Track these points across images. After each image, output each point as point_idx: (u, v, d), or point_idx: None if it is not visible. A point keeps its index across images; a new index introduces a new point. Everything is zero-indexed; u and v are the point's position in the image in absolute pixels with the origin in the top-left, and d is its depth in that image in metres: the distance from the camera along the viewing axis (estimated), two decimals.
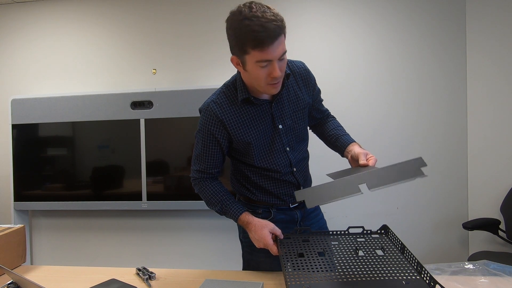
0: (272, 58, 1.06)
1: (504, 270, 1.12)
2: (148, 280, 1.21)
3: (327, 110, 1.49)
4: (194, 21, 2.70)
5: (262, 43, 1.02)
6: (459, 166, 2.52)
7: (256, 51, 1.04)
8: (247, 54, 1.07)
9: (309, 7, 2.60)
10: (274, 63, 1.08)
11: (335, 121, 1.46)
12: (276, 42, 1.04)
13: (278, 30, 1.03)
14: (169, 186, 2.64)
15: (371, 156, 1.20)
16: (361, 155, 1.19)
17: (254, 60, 1.07)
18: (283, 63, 1.12)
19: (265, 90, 1.18)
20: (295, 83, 1.30)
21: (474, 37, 2.46)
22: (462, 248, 2.53)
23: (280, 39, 1.05)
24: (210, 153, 1.29)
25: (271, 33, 1.02)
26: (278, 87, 1.17)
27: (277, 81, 1.13)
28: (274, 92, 1.19)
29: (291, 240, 1.20)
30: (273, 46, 1.04)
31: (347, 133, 1.39)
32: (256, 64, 1.08)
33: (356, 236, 1.20)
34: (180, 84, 2.70)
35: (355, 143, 1.32)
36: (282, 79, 1.17)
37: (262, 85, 1.14)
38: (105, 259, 2.83)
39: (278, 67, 1.09)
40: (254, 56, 1.06)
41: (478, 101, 2.47)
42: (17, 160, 2.73)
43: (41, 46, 2.87)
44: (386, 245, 1.13)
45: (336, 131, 1.39)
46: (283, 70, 1.13)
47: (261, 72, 1.10)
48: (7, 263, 1.32)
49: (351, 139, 1.35)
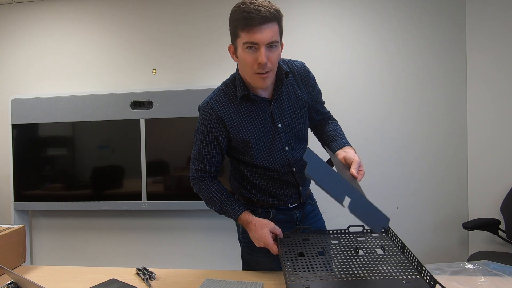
0: (258, 42, 1.07)
1: (504, 270, 1.12)
2: (148, 280, 1.21)
3: (329, 113, 1.46)
4: (194, 21, 2.70)
5: (250, 23, 1.05)
6: (459, 166, 2.52)
7: (245, 32, 1.07)
8: (238, 37, 1.10)
9: (309, 7, 2.60)
10: (261, 48, 1.08)
11: (335, 124, 1.43)
12: (265, 26, 1.06)
13: (269, 15, 1.06)
14: (169, 186, 2.64)
15: (362, 170, 1.13)
16: (356, 164, 1.12)
17: (242, 42, 1.09)
18: (273, 54, 1.11)
19: (253, 80, 1.17)
20: (295, 82, 1.30)
21: (474, 37, 2.46)
22: (462, 248, 2.53)
23: (270, 25, 1.07)
24: (209, 152, 1.28)
25: (261, 15, 1.04)
26: (267, 80, 1.16)
27: (263, 70, 1.11)
28: (262, 84, 1.17)
29: (291, 239, 1.20)
30: (261, 28, 1.05)
31: (345, 138, 1.36)
32: (244, 46, 1.10)
33: (356, 235, 1.20)
34: (180, 84, 2.70)
35: (352, 148, 1.28)
36: (272, 72, 1.16)
37: (250, 73, 1.14)
38: (105, 259, 2.83)
39: (266, 55, 1.08)
40: (242, 38, 1.08)
41: (478, 101, 2.47)
42: (17, 160, 2.73)
43: (41, 46, 2.88)
44: (386, 245, 1.13)
45: (334, 133, 1.36)
46: (272, 61, 1.12)
47: (248, 56, 1.11)
48: (7, 263, 1.32)
49: (348, 143, 1.32)
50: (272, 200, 1.35)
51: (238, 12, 1.08)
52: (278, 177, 1.33)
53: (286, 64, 1.29)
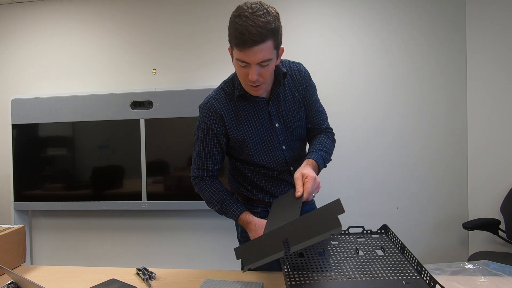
0: (249, 62, 1.08)
1: (504, 270, 1.12)
2: (148, 280, 1.21)
3: (324, 126, 1.37)
4: (194, 21, 2.70)
5: (241, 44, 1.05)
6: (459, 166, 2.51)
7: (236, 50, 1.08)
8: (233, 50, 1.12)
9: (309, 7, 2.59)
10: (252, 67, 1.09)
11: (323, 138, 1.32)
12: (255, 48, 1.04)
13: (261, 37, 1.03)
14: (169, 186, 2.64)
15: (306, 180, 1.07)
16: (297, 180, 1.08)
17: (235, 57, 1.11)
18: (265, 69, 1.11)
19: (247, 89, 1.20)
20: (292, 83, 1.31)
21: (474, 37, 2.46)
22: (462, 248, 2.53)
23: (261, 46, 1.04)
24: (209, 149, 1.29)
25: (252, 37, 1.02)
26: (259, 90, 1.18)
27: (255, 84, 1.14)
28: (254, 94, 1.21)
29: None
30: (251, 50, 1.05)
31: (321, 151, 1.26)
32: (237, 61, 1.11)
33: (356, 236, 1.20)
34: (180, 84, 2.70)
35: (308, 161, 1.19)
36: (265, 84, 1.18)
37: (243, 83, 1.18)
38: (105, 259, 2.83)
39: (257, 72, 1.09)
40: (235, 53, 1.10)
41: (478, 101, 2.47)
42: (17, 160, 2.73)
43: (41, 46, 2.87)
44: (386, 245, 1.13)
45: (312, 147, 1.29)
46: (265, 77, 1.13)
47: (241, 70, 1.14)
48: (7, 263, 1.32)
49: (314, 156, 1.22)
50: (271, 198, 1.35)
51: (232, 27, 1.06)
52: (276, 176, 1.33)
53: (284, 65, 1.30)
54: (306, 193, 1.06)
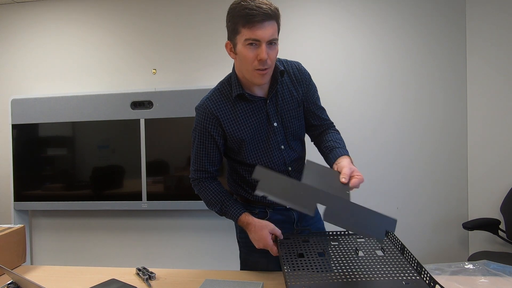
0: (260, 38, 1.09)
1: (504, 270, 1.12)
2: (148, 280, 1.21)
3: (329, 121, 1.40)
4: (194, 22, 2.70)
5: (252, 20, 1.07)
6: (459, 166, 2.51)
7: (246, 28, 1.09)
8: (238, 34, 1.11)
9: (309, 7, 2.59)
10: (263, 45, 1.10)
11: (335, 134, 1.35)
12: (266, 23, 1.08)
13: (270, 13, 1.08)
14: (169, 186, 2.64)
15: (357, 175, 1.08)
16: (346, 169, 1.08)
17: (243, 39, 1.10)
18: (272, 51, 1.13)
19: (252, 77, 1.17)
20: (290, 82, 1.31)
21: (474, 40, 2.46)
22: (462, 248, 2.53)
23: (271, 23, 1.09)
24: (206, 150, 1.29)
25: (263, 12, 1.06)
26: (266, 76, 1.17)
27: (264, 67, 1.13)
28: (261, 81, 1.18)
29: (291, 240, 1.20)
30: (263, 25, 1.08)
31: (345, 147, 1.27)
32: (245, 43, 1.11)
33: (356, 236, 1.20)
34: (180, 84, 2.70)
35: (347, 157, 1.21)
36: (270, 69, 1.17)
37: (250, 69, 1.15)
38: (105, 259, 2.83)
39: (266, 51, 1.10)
40: (244, 34, 1.10)
41: (478, 101, 2.47)
42: (17, 160, 2.73)
43: (41, 46, 2.87)
44: (386, 246, 1.13)
45: (332, 143, 1.29)
46: (272, 59, 1.14)
47: (249, 52, 1.12)
48: (7, 263, 1.32)
49: (345, 152, 1.23)
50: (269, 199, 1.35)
51: (239, 8, 1.09)
52: None
53: (282, 63, 1.30)
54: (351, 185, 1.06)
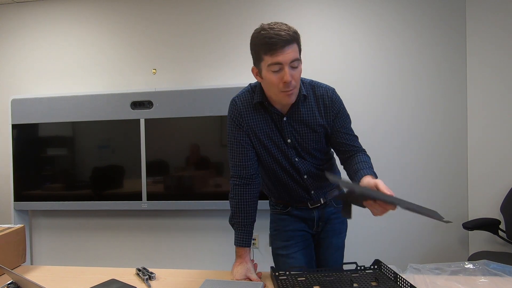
0: (282, 62, 1.13)
1: (504, 270, 1.12)
2: (148, 280, 1.21)
3: (359, 148, 1.37)
4: (194, 21, 2.70)
5: (273, 47, 1.12)
6: (459, 166, 2.51)
7: (268, 55, 1.14)
8: (262, 61, 1.17)
9: (309, 7, 2.59)
10: (285, 68, 1.14)
11: (362, 155, 1.32)
12: (287, 47, 1.13)
13: (289, 38, 1.13)
14: (169, 186, 2.64)
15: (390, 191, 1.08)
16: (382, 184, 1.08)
17: (267, 64, 1.16)
18: (296, 72, 1.17)
19: (279, 98, 1.22)
20: (316, 106, 1.31)
21: (474, 41, 2.46)
22: (462, 248, 2.53)
23: (291, 46, 1.14)
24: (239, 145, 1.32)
25: (282, 38, 1.12)
26: (292, 96, 1.21)
27: (289, 88, 1.17)
28: (288, 101, 1.22)
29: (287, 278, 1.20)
30: (283, 50, 1.12)
31: (371, 168, 1.25)
32: (269, 69, 1.16)
33: (351, 272, 1.22)
34: (180, 84, 2.70)
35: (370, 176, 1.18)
36: (296, 89, 1.21)
37: (276, 92, 1.20)
38: (105, 259, 2.83)
39: (290, 73, 1.14)
40: (267, 61, 1.15)
41: (478, 102, 2.47)
42: (17, 160, 2.73)
43: (41, 46, 2.87)
44: (380, 277, 1.16)
45: (358, 165, 1.26)
46: (296, 79, 1.18)
47: (273, 77, 1.16)
48: (7, 263, 1.32)
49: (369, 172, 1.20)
50: (290, 200, 1.42)
51: (260, 37, 1.15)
52: (289, 182, 1.37)
53: (310, 86, 1.32)
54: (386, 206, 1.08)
